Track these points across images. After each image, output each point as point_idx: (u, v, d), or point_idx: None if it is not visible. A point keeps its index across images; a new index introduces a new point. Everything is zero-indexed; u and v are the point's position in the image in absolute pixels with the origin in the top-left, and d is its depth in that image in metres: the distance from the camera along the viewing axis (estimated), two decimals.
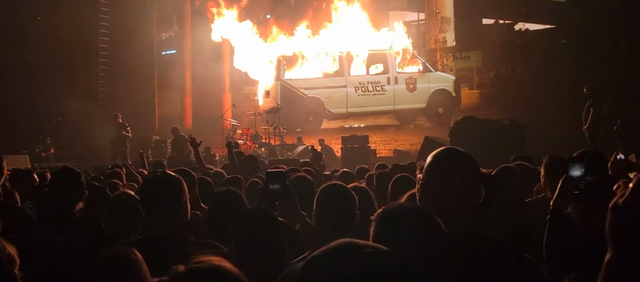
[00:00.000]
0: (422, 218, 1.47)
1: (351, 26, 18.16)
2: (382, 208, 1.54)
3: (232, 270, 1.16)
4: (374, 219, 1.49)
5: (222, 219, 2.68)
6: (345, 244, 1.07)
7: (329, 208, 2.42)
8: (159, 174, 2.43)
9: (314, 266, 1.05)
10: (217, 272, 1.12)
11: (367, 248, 1.06)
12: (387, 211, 1.49)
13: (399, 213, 1.48)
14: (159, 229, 2.24)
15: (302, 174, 3.93)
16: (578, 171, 2.19)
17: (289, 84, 17.31)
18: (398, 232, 1.42)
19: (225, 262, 1.17)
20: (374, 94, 17.34)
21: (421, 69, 17.61)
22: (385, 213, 1.49)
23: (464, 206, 1.77)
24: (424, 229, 1.45)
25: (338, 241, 1.08)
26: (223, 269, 1.13)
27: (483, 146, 8.48)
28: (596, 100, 11.75)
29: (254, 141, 15.02)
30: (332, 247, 1.06)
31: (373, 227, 1.47)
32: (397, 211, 1.48)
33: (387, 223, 1.45)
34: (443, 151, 1.91)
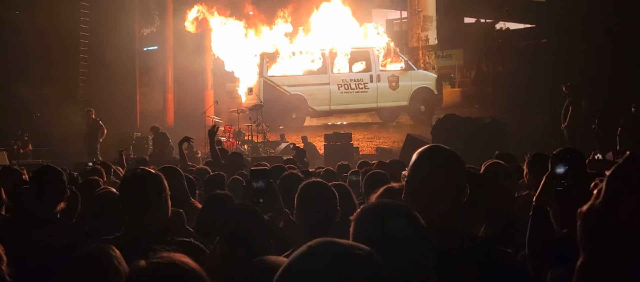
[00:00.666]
0: (402, 215, 1.46)
1: (334, 24, 18.16)
2: (361, 207, 1.53)
3: (192, 266, 1.20)
4: (353, 218, 1.48)
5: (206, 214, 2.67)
6: (324, 243, 1.06)
7: (309, 206, 2.42)
8: (139, 171, 2.40)
9: (292, 267, 1.04)
10: (176, 268, 1.17)
11: (346, 247, 1.06)
12: (366, 210, 1.49)
13: (378, 211, 1.47)
14: (139, 226, 2.23)
15: (296, 172, 3.95)
16: (562, 168, 2.21)
17: (271, 81, 17.25)
18: (378, 231, 1.41)
19: (187, 259, 1.20)
20: (356, 92, 17.38)
21: (404, 67, 17.70)
22: (364, 212, 1.48)
23: (448, 204, 1.78)
24: (404, 226, 1.44)
25: (316, 240, 1.07)
26: (182, 265, 1.18)
27: (464, 144, 8.55)
28: (575, 99, 11.94)
29: (236, 138, 14.96)
30: (310, 246, 1.06)
31: (352, 226, 1.46)
32: (376, 209, 1.47)
33: (367, 222, 1.45)
34: (429, 149, 1.91)
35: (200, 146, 14.67)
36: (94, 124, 14.51)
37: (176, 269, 1.18)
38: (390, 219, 1.45)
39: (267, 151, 14.30)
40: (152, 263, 1.18)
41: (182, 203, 3.32)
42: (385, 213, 1.47)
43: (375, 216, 1.46)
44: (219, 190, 3.67)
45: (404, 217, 1.47)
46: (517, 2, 19.83)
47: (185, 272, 1.18)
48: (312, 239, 1.10)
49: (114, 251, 1.67)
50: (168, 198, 2.31)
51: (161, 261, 1.18)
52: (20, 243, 2.51)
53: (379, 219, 1.45)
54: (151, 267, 1.17)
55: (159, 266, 1.17)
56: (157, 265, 1.17)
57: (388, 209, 1.49)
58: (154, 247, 2.07)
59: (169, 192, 2.32)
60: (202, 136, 15.48)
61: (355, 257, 1.03)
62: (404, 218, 1.47)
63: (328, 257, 1.03)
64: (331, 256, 1.03)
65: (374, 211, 1.49)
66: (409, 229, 1.44)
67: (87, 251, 1.69)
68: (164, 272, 1.17)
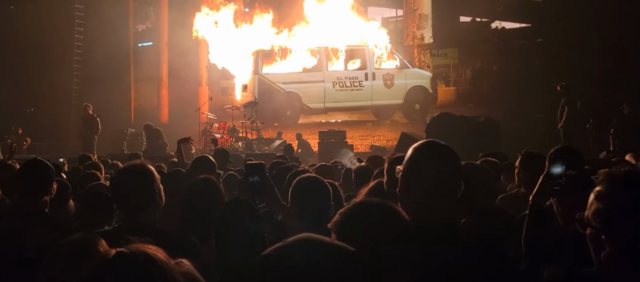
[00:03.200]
0: (382, 214, 1.45)
1: (329, 21, 18.13)
2: (342, 208, 1.52)
3: (161, 258, 1.14)
4: (334, 220, 1.48)
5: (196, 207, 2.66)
6: (304, 239, 1.08)
7: (302, 200, 2.42)
8: (130, 165, 2.38)
9: (270, 261, 1.06)
10: (143, 259, 1.12)
11: (326, 244, 1.08)
12: (347, 211, 1.47)
13: (358, 211, 1.46)
14: (130, 219, 2.22)
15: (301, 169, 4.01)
16: (559, 167, 2.21)
17: (266, 78, 17.21)
18: (359, 230, 1.40)
19: (159, 251, 1.15)
20: (351, 90, 17.37)
21: (399, 66, 17.69)
22: (345, 213, 1.47)
23: (442, 199, 1.77)
24: (386, 225, 1.43)
25: (297, 236, 1.10)
26: (149, 257, 1.12)
27: (458, 143, 8.46)
28: (570, 98, 11.98)
29: (231, 134, 14.91)
30: (289, 242, 1.08)
31: (334, 227, 1.45)
32: (356, 209, 1.46)
33: (348, 222, 1.43)
34: (424, 143, 1.91)
35: (195, 143, 14.63)
36: (90, 120, 14.43)
37: (143, 261, 1.12)
38: (369, 218, 1.44)
39: (261, 148, 14.27)
40: (120, 252, 1.12)
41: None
42: (364, 212, 1.46)
43: (354, 217, 1.45)
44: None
45: (383, 215, 1.45)
46: (513, 2, 19.86)
47: (152, 265, 1.12)
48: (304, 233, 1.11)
49: (100, 241, 1.66)
50: (161, 192, 2.30)
51: (129, 251, 1.13)
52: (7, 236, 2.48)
53: (358, 219, 1.44)
54: (119, 255, 1.12)
55: (125, 255, 1.12)
56: (124, 254, 1.12)
57: (367, 208, 1.48)
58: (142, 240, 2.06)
59: (160, 186, 2.31)
60: (197, 132, 15.45)
61: (333, 254, 1.05)
62: (384, 216, 1.45)
63: (306, 252, 1.04)
64: (309, 252, 1.04)
65: (352, 212, 1.48)
66: (389, 226, 1.42)
67: (73, 240, 1.67)
68: (131, 262, 1.11)
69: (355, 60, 17.83)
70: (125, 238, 1.16)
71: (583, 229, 1.34)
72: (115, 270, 1.10)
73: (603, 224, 1.28)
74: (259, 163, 2.73)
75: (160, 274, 1.11)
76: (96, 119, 14.42)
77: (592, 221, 1.31)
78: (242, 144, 14.72)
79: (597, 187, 1.33)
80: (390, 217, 1.45)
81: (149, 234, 2.11)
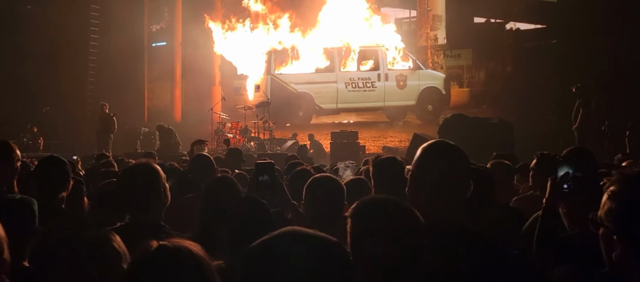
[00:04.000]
0: (397, 211, 1.45)
1: (343, 22, 18.13)
2: (356, 202, 1.52)
3: (200, 253, 1.20)
4: (349, 214, 1.48)
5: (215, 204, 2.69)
6: (289, 232, 1.11)
7: (317, 198, 2.43)
8: (136, 165, 2.43)
9: (255, 252, 1.09)
10: (184, 252, 1.18)
11: (309, 235, 1.11)
12: (361, 205, 1.47)
13: (373, 207, 1.46)
14: (137, 217, 2.26)
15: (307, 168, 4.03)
16: (567, 170, 2.21)
17: (279, 79, 17.25)
18: (373, 226, 1.40)
19: (196, 246, 1.22)
20: (364, 90, 17.34)
21: (412, 66, 17.64)
22: (359, 208, 1.47)
23: (451, 198, 1.77)
24: (399, 222, 1.43)
25: (282, 229, 1.13)
26: (192, 250, 1.19)
27: (471, 144, 8.44)
28: (585, 100, 11.84)
29: (243, 134, 14.98)
30: (274, 234, 1.11)
31: (349, 222, 1.46)
32: (371, 204, 1.46)
33: (362, 217, 1.44)
34: (433, 143, 1.92)
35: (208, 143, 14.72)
36: (106, 119, 14.59)
37: (186, 254, 1.18)
38: (383, 214, 1.44)
39: (273, 148, 14.31)
40: (162, 245, 1.19)
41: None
42: (379, 208, 1.46)
43: (368, 212, 1.45)
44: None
45: (397, 212, 1.45)
46: (528, 3, 19.70)
47: (193, 257, 1.19)
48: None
49: (114, 236, 1.69)
50: (166, 189, 2.34)
51: (171, 244, 1.19)
52: None
53: (371, 214, 1.44)
54: (161, 248, 1.18)
55: (168, 248, 1.18)
56: (167, 247, 1.18)
57: (381, 204, 1.48)
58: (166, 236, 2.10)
59: (166, 185, 2.35)
60: (209, 131, 15.54)
61: (318, 247, 1.09)
62: (398, 213, 1.45)
63: (291, 245, 1.08)
64: (294, 244, 1.08)
65: (366, 206, 1.48)
66: (402, 223, 1.42)
67: (88, 235, 1.71)
68: (173, 254, 1.17)
69: (368, 61, 17.81)
70: (167, 232, 1.20)
71: (595, 229, 1.33)
72: (158, 261, 1.16)
73: (615, 224, 1.28)
74: (268, 162, 2.75)
75: (199, 267, 1.17)
76: (113, 118, 14.58)
77: (604, 220, 1.30)
78: (255, 144, 14.77)
79: (611, 186, 1.33)
80: (409, 214, 1.45)
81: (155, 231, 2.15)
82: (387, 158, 2.77)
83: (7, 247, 1.67)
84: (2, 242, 1.66)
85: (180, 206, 3.03)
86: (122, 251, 1.68)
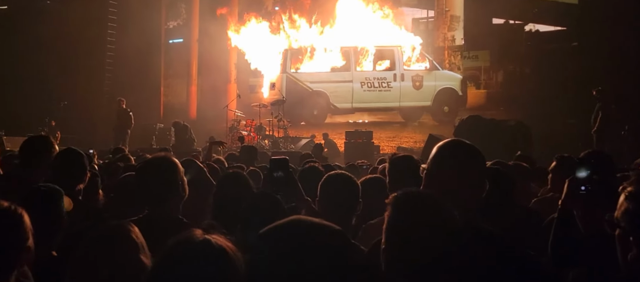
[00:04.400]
0: (436, 205, 1.45)
1: (359, 21, 18.09)
2: (396, 193, 1.51)
3: (233, 248, 1.23)
4: (389, 202, 1.47)
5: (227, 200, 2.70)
6: (295, 220, 1.17)
7: (331, 195, 2.44)
8: (154, 159, 2.43)
9: (263, 240, 1.16)
10: (221, 243, 1.21)
11: (317, 225, 1.16)
12: (401, 196, 1.47)
13: (414, 199, 1.45)
14: (154, 210, 2.27)
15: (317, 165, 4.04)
16: (584, 172, 2.18)
17: (294, 77, 17.28)
18: (411, 217, 1.40)
19: (228, 242, 1.24)
20: (379, 90, 17.29)
21: (428, 67, 17.53)
22: (400, 198, 1.46)
23: (466, 197, 1.77)
24: (437, 215, 1.42)
25: (288, 217, 1.20)
26: (225, 244, 1.22)
27: (488, 146, 8.37)
28: (605, 103, 11.66)
29: (257, 132, 15.01)
30: (282, 222, 1.18)
31: (388, 211, 1.45)
32: (412, 196, 1.45)
33: (401, 207, 1.43)
34: (449, 142, 1.93)
35: (221, 139, 14.78)
36: (124, 114, 14.73)
37: (222, 247, 1.21)
38: (424, 207, 1.43)
39: (287, 146, 14.33)
40: (207, 238, 1.20)
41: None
42: (420, 201, 1.45)
43: (408, 203, 1.44)
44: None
45: (436, 207, 1.44)
46: (548, 4, 19.46)
47: (228, 251, 1.21)
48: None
49: (133, 227, 1.71)
50: (184, 183, 2.35)
51: (215, 240, 1.21)
52: None
53: (411, 206, 1.43)
54: (205, 241, 1.20)
55: (210, 243, 1.20)
56: (210, 242, 1.20)
57: (422, 197, 1.47)
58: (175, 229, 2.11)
59: (184, 178, 2.36)
60: (224, 128, 15.62)
61: (324, 236, 1.13)
62: (437, 207, 1.45)
63: (296, 233, 1.14)
64: (299, 233, 1.14)
65: (408, 197, 1.47)
66: (440, 217, 1.42)
67: (107, 227, 1.72)
68: (210, 246, 1.19)
69: (384, 61, 17.75)
70: (186, 225, 1.22)
71: (611, 230, 1.31)
72: (196, 254, 1.18)
73: (632, 225, 1.26)
74: (283, 158, 2.75)
75: (233, 262, 1.20)
76: (129, 114, 14.73)
77: (621, 221, 1.28)
78: (269, 142, 14.81)
79: (629, 187, 1.31)
80: (447, 210, 1.45)
81: (172, 224, 2.17)
82: (403, 156, 2.76)
83: (32, 236, 1.69)
84: (27, 230, 1.68)
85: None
86: (140, 242, 1.68)
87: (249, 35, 18.94)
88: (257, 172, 4.67)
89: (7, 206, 1.66)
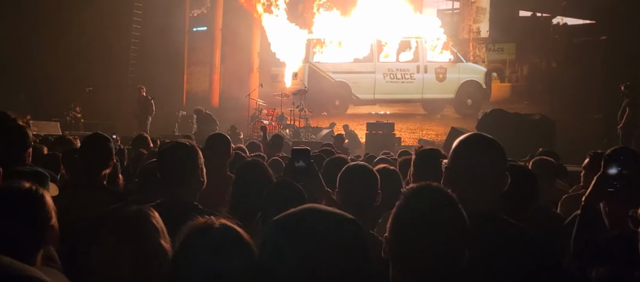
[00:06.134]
0: (444, 199, 1.43)
1: (383, 12, 17.94)
2: (408, 186, 1.50)
3: (247, 236, 1.25)
4: (402, 194, 1.46)
5: (246, 188, 2.71)
6: (309, 208, 1.19)
7: (351, 186, 2.43)
8: (176, 144, 2.45)
9: (277, 226, 1.18)
10: (235, 229, 1.25)
11: (331, 214, 1.19)
12: (413, 188, 1.45)
13: (422, 193, 1.43)
14: (173, 195, 2.30)
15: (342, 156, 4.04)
16: (614, 169, 2.13)
17: (317, 67, 17.25)
18: (420, 212, 1.39)
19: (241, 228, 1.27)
20: (402, 82, 17.17)
21: (452, 59, 17.33)
22: (411, 190, 1.45)
23: (487, 191, 1.76)
24: (446, 210, 1.40)
25: (303, 205, 1.22)
26: (238, 231, 1.25)
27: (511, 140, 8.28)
28: (634, 99, 11.39)
29: (279, 121, 15.06)
30: (298, 209, 1.20)
31: (397, 204, 1.44)
32: (421, 191, 1.44)
33: (410, 202, 1.42)
34: (470, 136, 1.91)
35: (242, 128, 14.90)
36: (144, 102, 14.91)
37: (236, 232, 1.24)
38: (433, 202, 1.41)
39: (308, 136, 14.35)
40: (223, 223, 1.25)
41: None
42: (428, 195, 1.43)
43: (417, 197, 1.43)
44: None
45: (444, 201, 1.43)
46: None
47: (241, 237, 1.25)
48: None
49: (153, 212, 1.73)
50: (203, 169, 2.37)
51: (221, 223, 1.25)
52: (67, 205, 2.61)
53: (420, 200, 1.42)
54: (222, 226, 1.24)
55: (227, 227, 1.24)
56: (221, 224, 1.24)
57: (431, 191, 1.45)
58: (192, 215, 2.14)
59: (203, 165, 2.38)
60: (246, 117, 15.71)
61: (338, 223, 1.16)
62: (446, 202, 1.43)
63: (311, 220, 1.17)
64: (315, 219, 1.16)
65: (417, 192, 1.45)
66: (449, 212, 1.40)
67: (128, 211, 1.75)
68: (224, 232, 1.23)
69: (407, 52, 17.60)
70: (202, 211, 1.24)
71: (635, 226, 1.28)
72: (211, 237, 1.22)
73: None
74: (304, 149, 2.76)
75: (246, 246, 1.24)
76: (150, 101, 14.89)
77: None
78: (290, 131, 14.85)
79: None
80: (457, 207, 1.43)
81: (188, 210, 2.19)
82: (430, 149, 2.73)
83: (55, 215, 1.73)
84: (50, 210, 1.71)
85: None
86: (160, 227, 1.70)
87: (272, 24, 18.95)
88: (278, 161, 4.69)
89: (28, 187, 1.69)
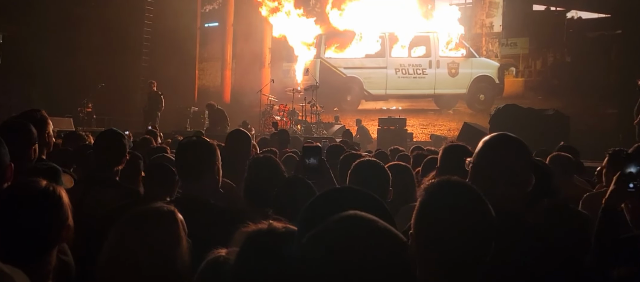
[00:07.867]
0: (471, 195, 1.39)
1: (395, 6, 17.83)
2: (432, 181, 1.46)
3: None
4: (423, 189, 1.42)
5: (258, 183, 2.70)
6: (353, 216, 1.12)
7: (361, 183, 2.41)
8: (194, 139, 2.45)
9: (323, 235, 1.10)
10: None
11: (374, 222, 1.11)
12: (436, 185, 1.42)
13: (448, 188, 1.40)
14: (187, 191, 2.30)
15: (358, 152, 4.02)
16: (634, 168, 2.08)
17: (328, 63, 17.21)
18: (445, 206, 1.35)
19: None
20: (414, 77, 17.07)
21: (464, 54, 17.19)
22: (434, 186, 1.41)
23: (511, 191, 1.77)
24: (471, 207, 1.37)
25: (345, 212, 1.13)
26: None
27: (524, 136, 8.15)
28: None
29: (290, 117, 15.06)
30: (340, 217, 1.12)
31: (419, 199, 1.41)
32: (447, 185, 1.40)
33: (435, 197, 1.38)
34: (496, 136, 1.92)
35: (253, 123, 14.91)
36: (155, 97, 14.97)
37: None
38: (459, 197, 1.38)
39: (319, 132, 14.33)
40: (273, 227, 1.34)
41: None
42: (454, 190, 1.40)
43: (442, 192, 1.39)
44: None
45: (471, 197, 1.39)
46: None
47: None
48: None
49: (173, 209, 1.70)
50: (219, 166, 2.36)
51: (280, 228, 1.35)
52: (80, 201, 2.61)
53: (446, 195, 1.38)
54: (273, 230, 1.33)
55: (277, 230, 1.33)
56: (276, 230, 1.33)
57: (457, 186, 1.41)
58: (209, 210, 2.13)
59: (220, 162, 2.37)
60: (257, 113, 15.72)
61: (383, 232, 1.09)
62: (473, 198, 1.39)
63: (356, 229, 1.09)
64: (361, 229, 1.09)
65: (442, 186, 1.42)
66: (474, 209, 1.36)
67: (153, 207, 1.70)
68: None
69: (419, 47, 17.49)
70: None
71: None
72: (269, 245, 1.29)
73: None
74: (315, 146, 2.75)
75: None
76: (160, 96, 14.95)
77: None
78: (301, 127, 14.84)
79: None
80: (482, 202, 1.39)
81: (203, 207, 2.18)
82: (458, 145, 2.68)
83: (71, 214, 1.73)
84: (66, 208, 1.71)
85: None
86: (182, 224, 1.67)
87: (284, 20, 18.92)
88: (292, 157, 4.67)
89: (47, 186, 1.70)
